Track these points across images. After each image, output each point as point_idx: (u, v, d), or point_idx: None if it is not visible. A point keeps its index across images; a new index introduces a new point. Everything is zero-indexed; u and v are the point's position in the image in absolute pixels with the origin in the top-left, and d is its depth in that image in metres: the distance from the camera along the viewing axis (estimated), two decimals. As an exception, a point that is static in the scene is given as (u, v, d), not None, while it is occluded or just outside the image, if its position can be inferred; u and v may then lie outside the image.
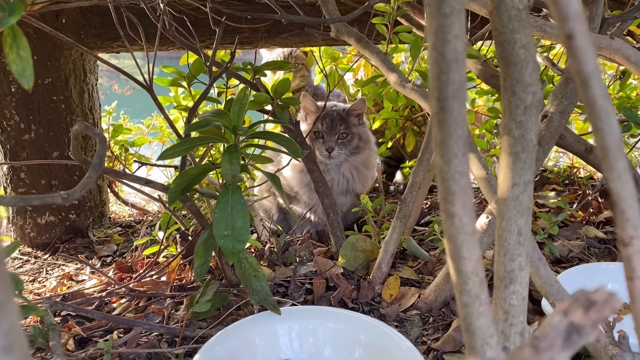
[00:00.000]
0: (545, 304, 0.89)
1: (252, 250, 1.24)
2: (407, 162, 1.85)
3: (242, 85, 1.19)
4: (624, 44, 0.75)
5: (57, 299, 1.14)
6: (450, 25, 0.36)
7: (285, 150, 0.85)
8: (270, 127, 1.67)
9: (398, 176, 2.09)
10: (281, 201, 1.54)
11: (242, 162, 0.89)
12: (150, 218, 1.82)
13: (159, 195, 1.16)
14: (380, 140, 1.82)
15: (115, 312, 1.05)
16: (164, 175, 2.09)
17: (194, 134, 0.97)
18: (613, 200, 0.29)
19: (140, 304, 1.06)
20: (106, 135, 1.79)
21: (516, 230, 0.56)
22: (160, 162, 1.67)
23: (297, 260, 1.16)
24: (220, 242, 0.78)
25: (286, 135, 0.88)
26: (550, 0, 0.24)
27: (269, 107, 1.15)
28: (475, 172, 0.84)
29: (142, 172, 2.08)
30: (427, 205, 1.66)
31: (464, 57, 0.37)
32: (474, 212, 0.42)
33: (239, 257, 0.87)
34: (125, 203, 1.90)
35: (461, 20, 0.36)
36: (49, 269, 1.49)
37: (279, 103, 1.14)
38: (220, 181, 1.10)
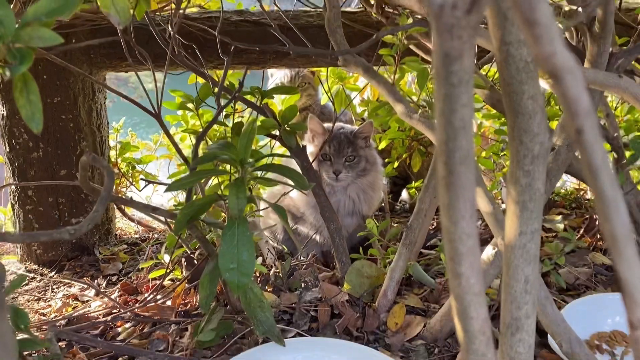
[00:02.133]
0: (552, 340, 0.89)
1: (257, 274, 1.24)
2: (413, 182, 1.85)
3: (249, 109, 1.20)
4: (632, 82, 0.75)
5: (62, 321, 1.14)
6: (458, 95, 0.36)
7: (292, 183, 0.85)
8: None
9: (404, 195, 2.09)
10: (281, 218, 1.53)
11: (249, 192, 0.89)
12: (156, 235, 1.83)
13: (165, 219, 1.16)
14: (386, 160, 1.82)
15: (120, 337, 1.06)
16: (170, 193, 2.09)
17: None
18: (622, 285, 0.29)
19: (145, 330, 1.07)
20: (113, 152, 1.80)
21: (523, 278, 0.56)
22: (166, 181, 1.68)
23: (302, 285, 1.16)
24: (226, 275, 0.78)
25: (293, 168, 0.89)
26: (560, 96, 0.25)
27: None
28: (481, 207, 0.84)
29: (149, 189, 2.09)
30: (432, 227, 1.66)
31: (472, 125, 0.37)
32: (481, 272, 0.42)
33: (244, 288, 0.87)
34: (132, 220, 1.91)
35: (469, 90, 0.36)
36: (54, 287, 1.49)
37: (287, 128, 1.15)
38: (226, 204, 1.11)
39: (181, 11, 1.13)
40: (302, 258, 1.40)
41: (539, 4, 0.23)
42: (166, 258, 1.24)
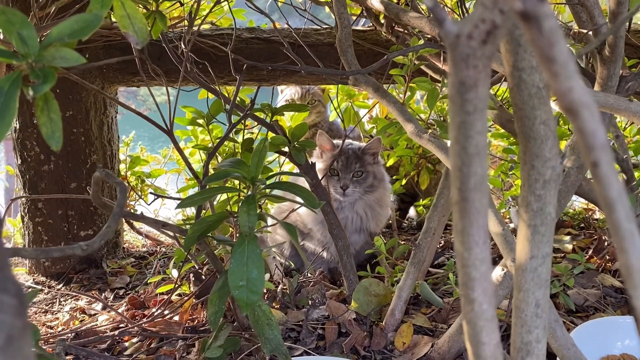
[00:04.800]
0: (561, 363, 0.88)
1: (265, 291, 1.24)
2: (421, 200, 1.85)
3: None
4: (642, 106, 0.75)
5: (70, 335, 1.14)
6: (473, 122, 0.36)
7: (302, 201, 0.86)
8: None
9: (411, 212, 2.09)
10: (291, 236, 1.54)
11: (259, 209, 0.90)
12: (163, 249, 1.83)
13: (174, 234, 1.16)
14: (394, 177, 1.83)
15: (127, 352, 1.06)
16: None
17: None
18: (636, 316, 0.29)
19: (152, 345, 1.07)
20: (123, 165, 1.82)
21: (534, 302, 0.56)
22: (175, 195, 1.69)
23: (310, 303, 1.16)
24: (235, 292, 0.78)
25: (303, 186, 0.89)
26: (577, 130, 0.25)
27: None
28: (491, 228, 0.84)
29: (157, 203, 2.11)
30: (440, 245, 1.65)
31: (486, 151, 0.38)
32: (494, 297, 0.42)
33: (252, 305, 0.87)
34: (139, 233, 1.91)
35: (484, 117, 0.36)
36: (62, 299, 1.50)
37: (296, 146, 1.16)
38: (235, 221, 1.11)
39: (195, 28, 1.15)
40: (309, 275, 1.40)
41: (556, 42, 0.23)
42: (174, 273, 1.25)
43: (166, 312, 1.15)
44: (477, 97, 0.36)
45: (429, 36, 1.20)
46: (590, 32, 0.90)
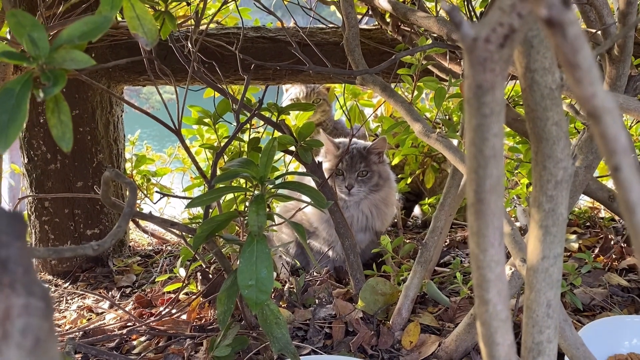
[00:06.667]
0: (569, 363, 0.88)
1: (272, 290, 1.24)
2: (426, 198, 1.85)
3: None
4: (652, 106, 0.75)
5: (78, 333, 1.15)
6: (489, 124, 0.36)
7: (310, 201, 0.86)
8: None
9: (416, 210, 2.09)
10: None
11: (267, 209, 0.90)
12: (169, 248, 1.84)
13: (181, 233, 1.17)
14: (399, 176, 1.83)
15: (136, 351, 1.06)
16: (182, 203, 2.11)
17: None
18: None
19: (160, 344, 1.07)
20: (129, 165, 1.82)
21: (545, 302, 0.56)
22: (181, 194, 1.69)
23: (317, 302, 1.16)
24: (245, 292, 0.79)
25: (311, 185, 0.90)
26: (599, 135, 0.25)
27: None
28: (499, 228, 0.84)
29: (162, 201, 2.11)
30: (446, 244, 1.66)
31: (502, 154, 0.38)
32: (508, 298, 0.42)
33: (261, 304, 0.87)
34: (145, 232, 1.92)
35: (500, 120, 0.36)
36: (69, 298, 1.50)
37: (303, 145, 1.16)
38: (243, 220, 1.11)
39: (202, 27, 1.15)
40: (315, 274, 1.41)
41: (580, 49, 0.24)
42: (182, 272, 1.25)
43: (174, 310, 1.16)
44: (494, 100, 0.36)
45: (434, 35, 1.20)
46: (599, 32, 0.90)
